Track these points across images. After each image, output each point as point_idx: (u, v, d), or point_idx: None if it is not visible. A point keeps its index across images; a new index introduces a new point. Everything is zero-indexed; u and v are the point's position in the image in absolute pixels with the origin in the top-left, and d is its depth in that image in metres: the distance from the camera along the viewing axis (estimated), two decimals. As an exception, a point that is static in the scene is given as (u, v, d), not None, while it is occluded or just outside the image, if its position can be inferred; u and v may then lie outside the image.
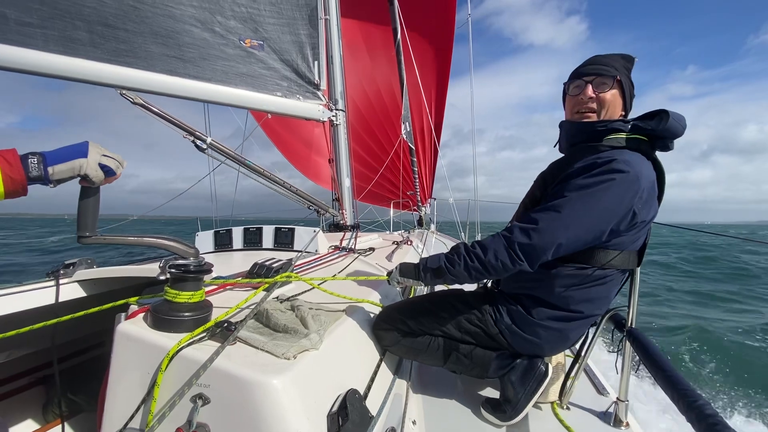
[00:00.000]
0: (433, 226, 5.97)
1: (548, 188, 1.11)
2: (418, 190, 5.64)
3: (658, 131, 1.02)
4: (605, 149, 1.06)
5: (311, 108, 2.79)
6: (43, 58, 1.90)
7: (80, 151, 0.75)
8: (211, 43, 2.44)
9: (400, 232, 4.99)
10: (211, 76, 2.43)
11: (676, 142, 1.06)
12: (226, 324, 0.86)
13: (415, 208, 5.95)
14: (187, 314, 0.86)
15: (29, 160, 0.69)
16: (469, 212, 4.94)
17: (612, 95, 1.10)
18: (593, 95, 1.11)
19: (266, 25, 2.61)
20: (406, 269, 1.24)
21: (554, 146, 1.26)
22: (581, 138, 1.13)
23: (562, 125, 1.21)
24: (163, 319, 0.84)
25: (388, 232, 4.43)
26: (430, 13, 5.06)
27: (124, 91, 2.21)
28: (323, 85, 2.86)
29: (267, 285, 1.18)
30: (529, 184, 1.25)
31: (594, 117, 1.12)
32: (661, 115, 1.01)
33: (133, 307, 0.95)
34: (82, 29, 2.02)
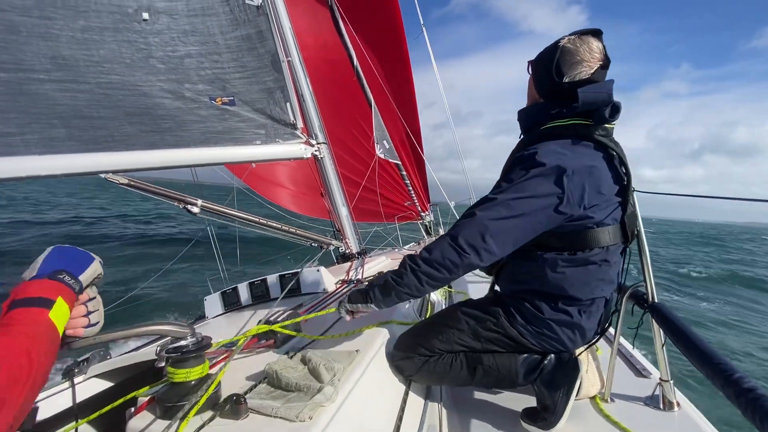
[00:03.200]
0: (441, 231, 5.92)
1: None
2: (415, 200, 5.62)
3: (581, 108, 1.04)
4: (542, 137, 1.09)
5: (293, 149, 2.82)
6: (26, 162, 1.95)
7: (83, 253, 0.74)
8: (185, 110, 2.50)
9: (410, 245, 4.95)
10: (189, 140, 2.48)
11: (667, 137, 1.08)
12: (235, 397, 0.83)
13: (419, 217, 5.91)
14: (193, 396, 0.84)
15: (64, 278, 0.67)
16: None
17: (529, 81, 1.18)
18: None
19: (233, 80, 2.67)
20: (354, 296, 1.17)
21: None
22: (522, 126, 1.21)
23: None
24: (169, 407, 0.83)
25: (396, 249, 4.39)
26: (379, 33, 5.15)
27: (109, 175, 2.27)
28: (300, 123, 2.90)
29: (274, 341, 1.16)
30: None
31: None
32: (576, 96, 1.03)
33: (141, 400, 0.93)
34: (59, 126, 2.09)
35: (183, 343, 0.84)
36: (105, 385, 1.48)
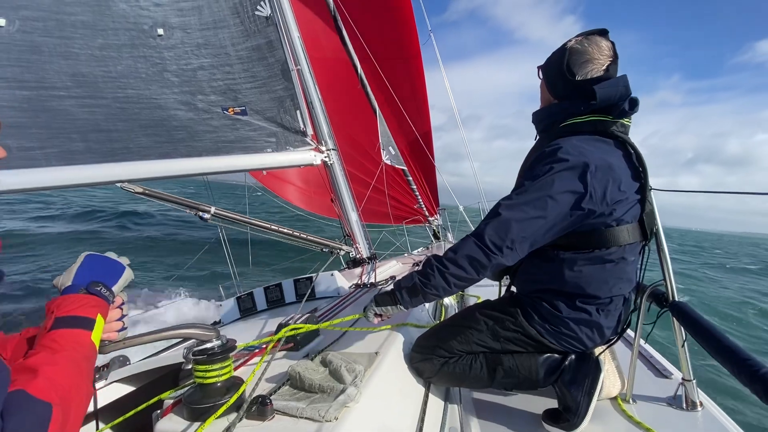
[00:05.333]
0: (450, 236, 5.91)
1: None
2: (423, 205, 5.63)
3: (599, 104, 1.05)
4: (560, 135, 1.09)
5: (303, 156, 2.86)
6: (47, 174, 2.02)
7: (115, 263, 0.77)
8: (197, 121, 2.55)
9: (419, 250, 4.95)
10: (202, 150, 2.53)
11: (662, 145, 1.09)
12: (260, 399, 0.85)
13: (427, 221, 5.91)
14: (220, 399, 0.85)
15: (101, 290, 0.70)
16: (482, 214, 4.90)
17: (540, 85, 1.20)
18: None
19: (244, 90, 2.73)
20: (381, 298, 1.16)
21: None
22: (538, 127, 1.21)
23: None
24: (197, 408, 0.84)
25: (407, 254, 4.40)
26: (391, 38, 5.22)
27: (125, 184, 2.32)
28: (310, 131, 2.94)
29: (294, 344, 1.17)
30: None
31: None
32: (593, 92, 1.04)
33: (167, 402, 0.95)
34: (78, 140, 2.15)
35: (210, 345, 0.86)
36: (126, 389, 1.50)
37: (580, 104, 1.08)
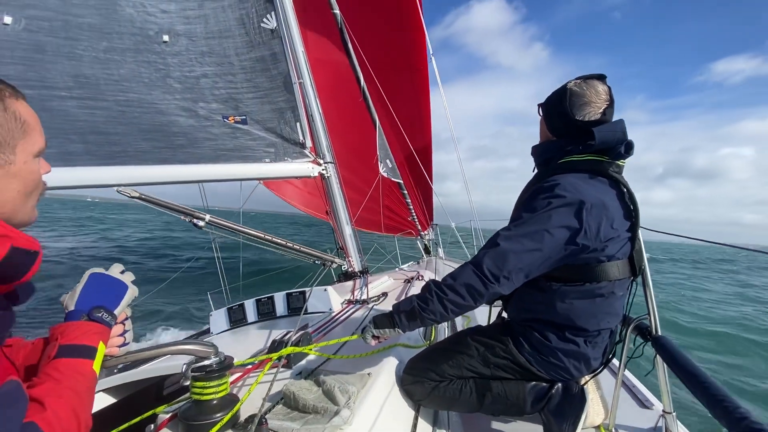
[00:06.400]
0: (441, 251, 5.95)
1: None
2: (416, 218, 5.68)
3: (598, 146, 1.10)
4: (558, 171, 1.14)
5: (301, 167, 2.88)
6: (44, 175, 2.00)
7: (118, 284, 0.77)
8: (198, 128, 2.57)
9: (409, 264, 4.97)
10: (201, 157, 2.54)
11: (634, 162, 1.15)
12: (255, 418, 0.86)
13: (419, 235, 5.95)
14: (216, 415, 0.86)
15: (102, 316, 0.70)
16: (473, 232, 4.97)
17: (540, 121, 1.25)
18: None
19: (246, 100, 2.76)
20: (380, 321, 1.18)
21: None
22: (536, 160, 1.27)
23: None
24: (193, 425, 0.85)
25: (398, 269, 4.41)
26: (397, 48, 5.35)
27: (120, 188, 2.31)
28: (309, 143, 2.97)
29: (287, 361, 1.18)
30: (501, 192, 1.32)
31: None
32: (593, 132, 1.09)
33: (162, 417, 0.95)
34: (77, 141, 2.14)
35: (208, 362, 0.87)
36: (108, 400, 1.48)
37: (578, 143, 1.13)
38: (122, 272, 0.81)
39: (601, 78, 1.17)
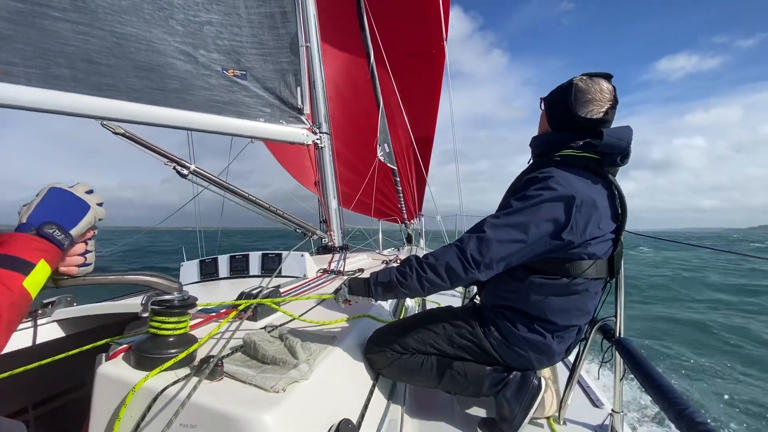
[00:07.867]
0: (422, 242, 5.98)
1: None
2: (403, 207, 5.67)
3: (601, 149, 1.09)
4: (554, 164, 1.14)
5: (295, 132, 2.82)
6: (25, 92, 1.90)
7: (79, 202, 0.71)
8: (195, 75, 2.47)
9: (389, 250, 4.98)
10: (194, 105, 2.45)
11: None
12: (212, 359, 0.84)
13: (403, 223, 5.96)
14: (171, 351, 0.84)
15: (53, 233, 0.64)
16: (457, 225, 5.01)
17: (541, 115, 1.26)
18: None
19: (249, 55, 2.67)
20: (355, 286, 1.18)
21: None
22: (534, 151, 1.27)
23: None
24: (146, 357, 0.83)
25: (377, 251, 4.42)
26: (415, 32, 5.24)
27: (105, 122, 2.22)
28: (307, 110, 2.90)
29: (253, 314, 1.17)
30: (476, 194, 1.31)
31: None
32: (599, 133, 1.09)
33: (115, 347, 0.92)
34: (64, 66, 2.04)
35: (171, 297, 0.84)
36: (69, 330, 1.44)
37: (578, 139, 1.13)
38: (89, 192, 0.76)
39: (608, 77, 1.16)
